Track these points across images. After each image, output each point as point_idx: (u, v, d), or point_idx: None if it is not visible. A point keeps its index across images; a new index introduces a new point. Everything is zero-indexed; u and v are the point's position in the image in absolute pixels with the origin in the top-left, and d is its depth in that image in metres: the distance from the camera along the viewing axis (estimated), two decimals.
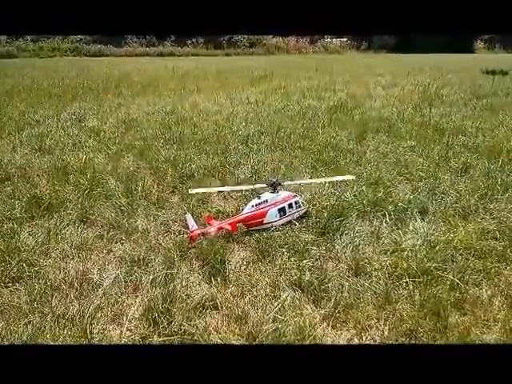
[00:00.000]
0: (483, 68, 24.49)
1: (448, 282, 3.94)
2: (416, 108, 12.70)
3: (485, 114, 11.79)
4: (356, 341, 3.31)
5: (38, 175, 6.90)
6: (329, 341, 3.28)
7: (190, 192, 5.59)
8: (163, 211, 5.68)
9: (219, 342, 3.21)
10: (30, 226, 5.21)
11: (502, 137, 9.16)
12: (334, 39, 59.14)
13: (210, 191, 5.92)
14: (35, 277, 4.16)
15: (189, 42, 50.87)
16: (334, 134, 9.40)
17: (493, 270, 4.19)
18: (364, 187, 6.24)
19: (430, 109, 12.16)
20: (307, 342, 3.17)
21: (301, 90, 16.71)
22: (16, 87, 16.67)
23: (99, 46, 48.26)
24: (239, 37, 52.42)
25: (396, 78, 20.92)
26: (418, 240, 4.71)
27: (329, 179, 6.03)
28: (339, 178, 6.08)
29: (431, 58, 35.39)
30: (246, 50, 51.39)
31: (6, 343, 3.21)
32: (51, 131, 9.75)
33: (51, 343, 3.20)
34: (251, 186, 5.75)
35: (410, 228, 5.05)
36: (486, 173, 6.82)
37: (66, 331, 3.30)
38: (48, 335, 3.27)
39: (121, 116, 11.71)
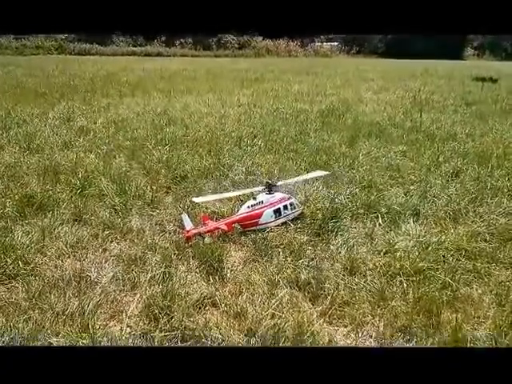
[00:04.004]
0: (473, 75, 24.81)
1: (440, 281, 4.06)
2: (407, 113, 12.87)
3: (474, 121, 11.97)
4: (352, 336, 3.39)
5: (27, 174, 6.84)
6: (326, 336, 3.36)
7: (194, 200, 5.54)
8: (157, 211, 5.71)
9: (220, 336, 3.27)
10: (23, 225, 5.19)
11: (491, 142, 9.33)
12: (325, 43, 59.45)
13: (214, 199, 5.80)
14: (32, 274, 4.18)
15: (177, 42, 50.48)
16: (327, 138, 9.49)
17: (483, 270, 4.33)
18: (357, 190, 6.33)
19: (421, 114, 12.31)
20: (305, 337, 3.25)
21: (292, 94, 16.82)
22: (0, 85, 16.45)
23: (84, 44, 47.27)
24: (228, 38, 52.32)
25: (387, 83, 21.13)
26: (410, 241, 4.82)
27: (302, 178, 6.04)
28: (312, 174, 6.18)
29: (421, 64, 35.69)
30: (235, 51, 51.29)
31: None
32: (39, 130, 9.66)
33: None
34: (249, 190, 5.76)
35: (403, 230, 5.15)
36: (475, 177, 6.95)
37: (67, 327, 3.33)
38: (49, 331, 3.30)
39: (110, 116, 11.65)
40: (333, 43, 59.77)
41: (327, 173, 6.25)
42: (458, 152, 8.55)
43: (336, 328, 3.50)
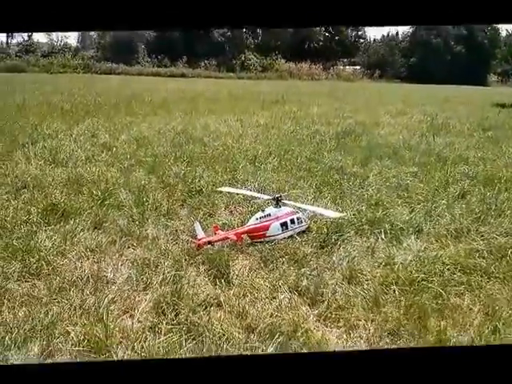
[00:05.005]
0: (494, 101, 24.85)
1: (432, 292, 4.27)
2: (422, 137, 13.03)
3: (489, 145, 12.09)
4: (345, 337, 3.64)
5: (51, 185, 7.20)
6: (319, 335, 3.61)
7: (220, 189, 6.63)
8: (172, 222, 6.02)
9: (221, 331, 3.55)
10: (46, 231, 5.53)
11: (502, 166, 9.48)
12: (347, 66, 59.85)
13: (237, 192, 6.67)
14: (53, 274, 4.52)
15: (201, 63, 51.42)
16: (340, 158, 9.73)
17: (475, 284, 4.52)
18: (364, 207, 6.56)
19: (434, 138, 12.50)
20: (299, 334, 3.51)
21: (310, 116, 17.08)
22: (27, 101, 16.99)
23: (110, 64, 48.39)
24: (251, 61, 53.21)
25: (406, 107, 21.27)
26: (409, 255, 5.03)
27: (307, 207, 6.12)
28: (319, 210, 6.03)
29: (444, 90, 35.75)
30: (258, 74, 51.89)
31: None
32: (64, 145, 10.06)
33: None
34: (267, 196, 6.12)
35: (404, 245, 5.37)
36: (481, 199, 7.12)
37: (83, 319, 3.66)
38: (67, 321, 3.62)
39: (132, 133, 12.04)
40: (355, 67, 60.16)
41: (338, 215, 5.97)
42: (467, 175, 8.70)
43: (330, 329, 3.76)
